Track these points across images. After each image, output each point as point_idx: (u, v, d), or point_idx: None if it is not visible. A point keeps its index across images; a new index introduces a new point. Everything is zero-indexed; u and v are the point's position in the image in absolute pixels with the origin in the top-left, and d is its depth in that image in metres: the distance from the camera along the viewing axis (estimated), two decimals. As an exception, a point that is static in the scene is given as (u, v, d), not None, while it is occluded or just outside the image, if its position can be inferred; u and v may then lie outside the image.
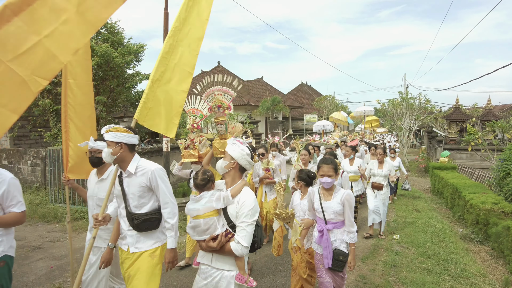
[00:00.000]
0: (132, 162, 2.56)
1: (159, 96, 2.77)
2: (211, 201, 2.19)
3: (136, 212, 2.54)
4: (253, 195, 2.26)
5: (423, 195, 9.87)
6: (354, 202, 3.03)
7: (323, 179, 3.05)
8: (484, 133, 10.99)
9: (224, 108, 3.79)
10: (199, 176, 2.32)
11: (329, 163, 3.06)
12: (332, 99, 27.90)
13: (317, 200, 3.14)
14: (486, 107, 16.94)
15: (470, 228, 6.22)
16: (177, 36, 2.91)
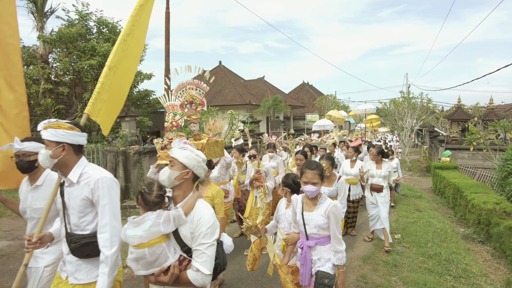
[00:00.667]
0: (76, 167, 2.03)
1: (115, 86, 2.35)
2: (157, 224, 1.72)
3: (75, 233, 2.00)
4: (210, 208, 1.88)
5: (425, 195, 9.85)
6: (341, 215, 2.62)
7: (306, 187, 2.56)
8: (486, 133, 10.96)
9: (197, 104, 3.43)
10: (154, 191, 1.81)
11: (314, 168, 2.59)
12: (333, 98, 27.88)
13: (299, 211, 2.68)
14: (488, 106, 16.88)
15: (472, 228, 6.21)
16: (140, 16, 2.49)
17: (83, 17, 10.06)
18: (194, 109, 3.44)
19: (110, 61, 2.28)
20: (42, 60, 10.11)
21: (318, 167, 2.61)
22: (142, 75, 10.98)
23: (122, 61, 2.34)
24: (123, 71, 2.39)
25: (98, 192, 1.97)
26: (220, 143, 3.57)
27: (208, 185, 3.52)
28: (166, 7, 6.79)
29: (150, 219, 1.73)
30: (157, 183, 1.87)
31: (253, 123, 14.91)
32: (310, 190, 2.56)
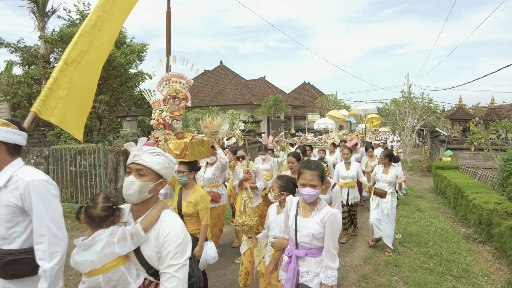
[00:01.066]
0: (6, 169, 1.76)
1: (75, 83, 2.07)
2: (111, 245, 1.46)
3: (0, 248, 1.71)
4: (178, 221, 1.58)
5: (426, 195, 9.84)
6: (339, 227, 2.27)
7: (304, 190, 2.23)
8: (487, 133, 10.92)
9: (180, 99, 3.15)
10: (98, 203, 1.56)
11: (313, 168, 2.27)
12: (334, 98, 27.86)
13: (292, 214, 2.37)
14: (490, 106, 16.85)
15: (473, 228, 6.20)
16: (109, 6, 2.23)
17: (84, 17, 10.07)
18: (177, 105, 3.16)
19: (67, 55, 2.02)
20: (43, 60, 10.13)
21: (318, 168, 2.29)
22: (143, 74, 10.98)
23: (86, 56, 2.08)
24: (87, 67, 2.11)
25: (30, 197, 1.68)
26: (206, 143, 3.34)
27: (192, 189, 3.20)
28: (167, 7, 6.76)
29: (101, 239, 1.46)
30: (103, 193, 1.63)
31: (254, 123, 14.91)
32: (309, 194, 2.22)
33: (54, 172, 8.16)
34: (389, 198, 5.03)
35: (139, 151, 1.57)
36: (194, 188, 3.20)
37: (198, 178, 4.60)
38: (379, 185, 5.15)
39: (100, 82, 10.09)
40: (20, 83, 9.47)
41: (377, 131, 18.42)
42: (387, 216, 4.99)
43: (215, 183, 4.58)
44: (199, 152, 3.24)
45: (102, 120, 9.96)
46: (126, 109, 9.37)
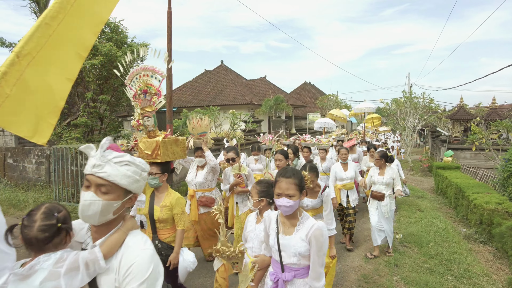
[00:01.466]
0: None
1: (29, 79, 1.81)
2: (55, 276, 1.10)
3: None
4: (148, 248, 1.24)
5: (427, 195, 9.83)
6: (326, 241, 1.96)
7: (279, 201, 1.95)
8: (488, 133, 10.91)
9: (152, 94, 2.93)
10: (35, 221, 1.18)
11: (290, 175, 1.99)
12: (335, 98, 27.84)
13: (273, 232, 2.07)
14: (491, 106, 16.82)
15: (474, 228, 6.19)
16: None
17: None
18: (148, 100, 2.92)
19: (20, 47, 1.77)
20: (44, 60, 10.16)
21: (296, 175, 2.00)
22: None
23: (43, 50, 1.82)
24: (46, 62, 1.86)
25: None
26: (181, 142, 3.14)
27: (166, 192, 2.95)
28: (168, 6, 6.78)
29: (42, 268, 1.10)
30: (45, 206, 1.25)
31: (255, 122, 14.91)
32: (284, 205, 1.94)
33: (55, 172, 8.17)
34: (387, 201, 4.89)
35: (101, 159, 1.21)
36: (168, 191, 2.98)
37: (189, 182, 4.46)
38: (376, 187, 4.98)
39: (101, 82, 10.12)
40: (21, 83, 9.48)
41: (377, 131, 18.38)
42: (387, 218, 4.90)
43: (207, 187, 4.39)
44: (173, 152, 3.02)
45: (103, 119, 9.98)
46: (127, 108, 9.39)
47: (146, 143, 2.94)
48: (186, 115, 11.77)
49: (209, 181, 4.40)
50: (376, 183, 4.99)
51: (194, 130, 4.19)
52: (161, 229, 2.91)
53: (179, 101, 22.12)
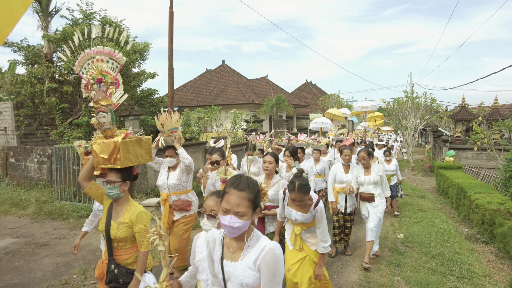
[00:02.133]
0: None
1: None
2: None
3: None
4: None
5: (428, 195, 9.82)
6: (280, 266, 1.55)
7: (225, 219, 1.49)
8: (490, 133, 10.89)
9: (108, 83, 2.39)
10: None
11: (243, 188, 1.54)
12: (337, 97, 27.81)
13: (217, 258, 1.64)
14: (493, 106, 16.77)
15: (476, 228, 6.18)
16: None
17: (87, 17, 10.11)
18: (103, 91, 2.38)
19: None
20: (46, 59, 10.17)
21: (251, 188, 1.56)
22: (145, 74, 11.01)
23: None
24: None
25: None
26: (145, 143, 2.61)
27: (126, 205, 2.46)
28: (169, 6, 6.79)
29: None
30: None
31: (256, 122, 14.91)
32: (231, 225, 1.48)
33: (57, 171, 8.20)
34: (378, 200, 4.59)
35: None
36: (129, 203, 2.47)
37: (161, 186, 3.97)
38: (364, 188, 4.65)
39: (102, 82, 10.11)
40: (23, 82, 9.52)
41: (379, 131, 18.27)
42: (379, 220, 4.65)
43: (182, 188, 3.94)
44: (136, 155, 2.50)
45: (105, 119, 9.98)
46: (128, 108, 9.40)
47: (102, 144, 2.38)
48: (187, 114, 11.79)
49: (184, 182, 3.95)
50: (363, 184, 4.67)
51: (164, 127, 3.79)
52: (118, 249, 2.41)
53: (181, 100, 22.14)
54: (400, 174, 7.59)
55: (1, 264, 4.72)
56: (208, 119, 11.13)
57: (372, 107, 13.12)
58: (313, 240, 3.06)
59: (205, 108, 12.09)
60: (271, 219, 3.54)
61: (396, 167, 7.38)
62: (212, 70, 26.40)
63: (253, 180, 1.64)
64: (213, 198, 1.95)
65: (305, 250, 3.08)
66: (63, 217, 6.91)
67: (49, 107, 9.99)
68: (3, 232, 6.15)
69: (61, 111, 9.98)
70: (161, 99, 12.18)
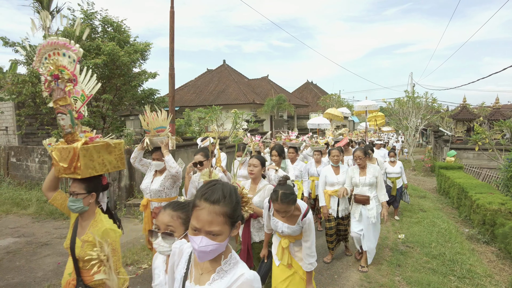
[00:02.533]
0: None
1: None
2: None
3: None
4: None
5: (429, 195, 9.81)
6: None
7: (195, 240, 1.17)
8: (491, 133, 10.87)
9: (65, 80, 2.06)
10: None
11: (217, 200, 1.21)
12: (337, 97, 27.80)
13: (179, 275, 1.34)
14: (494, 106, 16.73)
15: (477, 229, 6.17)
16: None
17: (88, 16, 10.13)
18: (61, 89, 2.06)
19: None
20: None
21: (227, 199, 1.22)
22: (146, 74, 11.02)
23: None
24: None
25: None
26: (115, 148, 2.27)
27: (92, 220, 2.14)
28: (170, 6, 6.80)
29: None
30: None
31: (257, 122, 14.91)
32: (202, 249, 1.17)
33: (58, 171, 8.21)
34: (373, 203, 4.32)
35: None
36: (95, 219, 2.14)
37: (143, 190, 3.68)
38: (359, 190, 4.39)
39: (103, 81, 10.12)
40: (24, 82, 9.54)
41: (380, 131, 18.17)
42: (374, 225, 4.34)
43: (165, 196, 3.63)
44: (102, 162, 2.18)
45: (106, 119, 10.01)
46: (129, 108, 9.41)
47: (62, 151, 2.07)
48: (188, 114, 11.80)
49: (167, 189, 3.63)
50: (358, 185, 4.40)
51: (150, 125, 3.50)
52: (85, 270, 2.07)
53: (181, 100, 22.16)
54: (405, 177, 7.31)
55: (2, 264, 4.73)
56: (209, 119, 11.13)
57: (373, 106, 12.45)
58: None
59: (206, 108, 12.10)
60: (257, 227, 3.18)
61: (401, 169, 7.12)
62: (213, 70, 26.41)
63: (230, 188, 1.28)
64: (167, 212, 1.61)
65: (293, 266, 2.76)
66: (64, 217, 6.92)
67: (50, 107, 10.01)
68: (4, 231, 6.17)
69: (62, 111, 10.00)
70: (162, 99, 12.20)
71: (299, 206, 2.65)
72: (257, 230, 3.20)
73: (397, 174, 7.05)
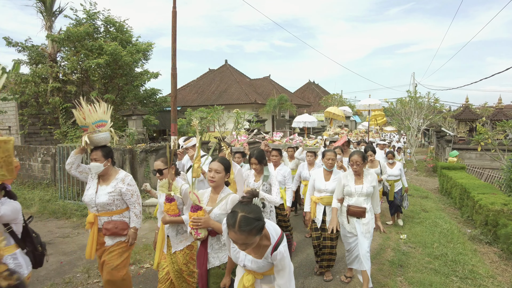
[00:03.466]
0: None
1: None
2: None
3: None
4: None
5: (431, 195, 9.78)
6: None
7: None
8: (494, 133, 10.83)
9: None
10: None
11: None
12: (339, 97, 27.76)
13: None
14: (497, 106, 16.69)
15: (479, 229, 6.15)
16: None
17: (91, 16, 10.15)
18: None
19: None
20: (50, 59, 10.24)
21: None
22: (148, 74, 11.05)
23: None
24: None
25: None
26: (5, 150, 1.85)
27: None
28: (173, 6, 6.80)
29: None
30: None
31: (259, 122, 14.91)
32: None
33: (60, 170, 8.24)
34: (369, 217, 3.66)
35: None
36: None
37: (88, 203, 3.01)
38: (354, 200, 3.67)
39: (106, 81, 10.16)
40: (27, 82, 9.59)
41: (382, 131, 18.03)
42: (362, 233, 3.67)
43: (115, 208, 3.01)
44: None
45: (108, 118, 10.03)
46: (131, 107, 9.42)
47: None
48: (190, 114, 11.81)
49: (118, 201, 3.02)
50: (352, 195, 3.69)
51: (87, 120, 2.92)
52: None
53: (183, 100, 22.19)
54: (405, 180, 6.79)
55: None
56: (211, 119, 11.13)
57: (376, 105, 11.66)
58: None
59: (208, 108, 12.11)
60: (217, 248, 2.52)
61: (401, 171, 6.63)
62: (215, 70, 26.43)
63: None
64: None
65: None
66: (67, 216, 6.94)
67: (52, 106, 10.05)
68: (7, 230, 6.19)
69: (64, 111, 10.05)
70: (164, 98, 12.23)
71: (269, 233, 1.90)
72: (216, 251, 2.53)
73: (396, 177, 6.56)
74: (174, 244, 2.87)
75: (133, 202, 3.09)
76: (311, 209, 4.20)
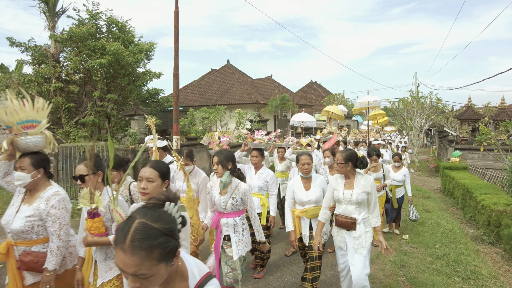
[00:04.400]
0: None
1: None
2: None
3: None
4: None
5: (433, 195, 9.76)
6: None
7: None
8: (497, 133, 10.80)
9: None
10: None
11: None
12: (341, 97, 27.74)
13: None
14: (500, 106, 16.62)
15: (481, 229, 6.14)
16: None
17: (93, 17, 10.18)
18: None
19: None
20: (53, 59, 10.27)
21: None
22: (151, 74, 11.07)
23: None
24: None
25: None
26: None
27: None
28: (175, 6, 6.82)
29: None
30: None
31: (261, 122, 14.92)
32: None
33: (63, 170, 8.28)
34: (361, 229, 3.00)
35: None
36: None
37: (4, 226, 2.31)
38: (342, 209, 3.08)
39: (108, 81, 10.19)
40: (30, 82, 9.63)
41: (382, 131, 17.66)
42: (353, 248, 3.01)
43: (37, 236, 2.28)
44: None
45: (110, 118, 10.06)
46: (134, 108, 9.46)
47: None
48: (192, 114, 11.84)
49: (39, 227, 2.27)
50: (341, 202, 3.09)
51: (11, 118, 2.22)
52: None
53: (185, 100, 22.24)
54: (409, 188, 5.96)
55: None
56: (213, 119, 11.16)
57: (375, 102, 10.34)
58: None
59: (210, 108, 12.13)
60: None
61: (405, 177, 5.86)
62: (217, 70, 26.48)
63: None
64: None
65: None
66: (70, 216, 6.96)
67: (55, 106, 10.08)
68: (10, 230, 6.22)
69: (67, 111, 10.08)
70: (166, 98, 12.24)
71: (187, 269, 1.22)
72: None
73: (398, 182, 5.87)
74: (101, 273, 2.19)
75: (53, 231, 2.23)
76: (294, 226, 3.47)
